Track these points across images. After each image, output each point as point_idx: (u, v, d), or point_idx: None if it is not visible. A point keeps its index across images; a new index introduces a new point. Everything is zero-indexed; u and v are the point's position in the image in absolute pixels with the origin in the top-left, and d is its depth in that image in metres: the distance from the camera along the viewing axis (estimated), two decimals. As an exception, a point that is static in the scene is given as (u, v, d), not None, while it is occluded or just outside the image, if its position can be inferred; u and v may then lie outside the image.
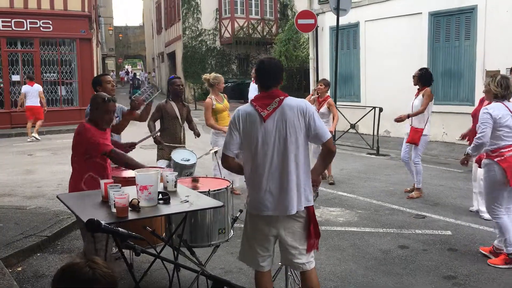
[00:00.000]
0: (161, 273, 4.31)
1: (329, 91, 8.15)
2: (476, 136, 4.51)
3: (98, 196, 3.15)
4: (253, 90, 13.76)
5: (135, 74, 37.47)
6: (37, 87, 14.07)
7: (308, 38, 19.39)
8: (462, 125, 11.03)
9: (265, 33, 27.85)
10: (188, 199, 3.11)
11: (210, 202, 3.17)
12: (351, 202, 6.78)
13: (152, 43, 41.94)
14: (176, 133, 5.93)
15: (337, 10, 11.54)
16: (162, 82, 36.37)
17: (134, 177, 3.98)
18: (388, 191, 7.46)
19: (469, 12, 10.94)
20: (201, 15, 27.86)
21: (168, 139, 5.85)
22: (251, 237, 3.20)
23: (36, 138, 13.63)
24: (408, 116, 6.83)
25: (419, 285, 4.22)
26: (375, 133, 11.11)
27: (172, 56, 32.06)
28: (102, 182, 3.08)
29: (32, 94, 13.81)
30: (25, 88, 13.96)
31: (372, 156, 10.70)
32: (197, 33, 27.94)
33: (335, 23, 12.21)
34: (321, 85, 7.74)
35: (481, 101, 7.35)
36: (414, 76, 7.07)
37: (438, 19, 11.66)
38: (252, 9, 27.42)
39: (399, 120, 6.98)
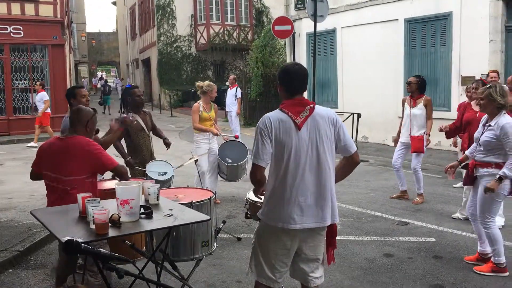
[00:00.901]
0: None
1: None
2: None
3: (75, 211, 2.95)
4: (230, 96, 13.66)
5: (106, 81, 36.98)
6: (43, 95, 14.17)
7: (285, 44, 19.41)
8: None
9: (241, 40, 27.79)
10: (171, 212, 2.94)
11: (196, 216, 3.01)
12: (333, 210, 6.69)
13: (126, 49, 41.41)
14: (147, 145, 5.64)
15: (315, 17, 11.53)
16: (137, 89, 35.90)
17: (113, 189, 3.82)
18: (370, 197, 7.42)
19: (444, 19, 11.08)
20: (176, 21, 27.66)
21: (139, 154, 5.56)
22: (270, 252, 3.00)
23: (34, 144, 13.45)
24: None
25: (406, 294, 4.15)
26: (354, 139, 11.11)
27: (147, 62, 31.71)
28: (80, 196, 2.89)
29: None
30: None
31: (351, 162, 10.66)
32: (172, 40, 27.72)
33: (311, 29, 12.20)
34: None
35: (460, 107, 7.40)
36: (410, 83, 7.02)
37: (414, 25, 11.77)
38: (227, 15, 27.33)
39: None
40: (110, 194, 3.70)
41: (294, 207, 2.88)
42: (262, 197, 3.12)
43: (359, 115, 11.12)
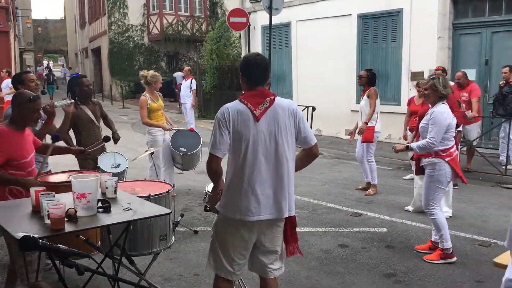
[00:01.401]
0: (96, 283, 4.02)
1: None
2: (429, 139, 4.49)
3: (27, 206, 2.83)
4: (184, 88, 13.49)
5: (50, 69, 35.66)
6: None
7: (239, 36, 19.35)
8: (389, 124, 11.48)
9: (194, 31, 27.48)
10: (130, 206, 2.87)
11: (156, 209, 2.96)
12: (289, 202, 6.76)
13: (75, 37, 40.07)
14: (97, 137, 5.39)
15: (270, 10, 11.54)
16: (87, 79, 34.84)
17: (64, 182, 3.70)
18: (324, 189, 7.55)
19: (395, 15, 11.37)
20: (127, 10, 26.99)
21: (89, 145, 5.29)
22: (229, 245, 2.98)
23: None
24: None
25: (361, 284, 4.25)
26: (308, 132, 11.24)
27: (97, 52, 30.80)
28: (33, 190, 2.77)
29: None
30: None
31: (306, 154, 10.81)
32: (124, 29, 27.05)
33: (267, 22, 12.23)
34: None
35: (410, 102, 7.65)
36: (361, 77, 7.15)
37: (366, 21, 12.02)
38: (181, 6, 26.93)
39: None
40: (61, 188, 3.58)
41: (252, 198, 2.87)
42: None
43: (313, 108, 11.27)
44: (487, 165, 8.47)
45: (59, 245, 1.73)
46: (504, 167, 8.28)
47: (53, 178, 4.11)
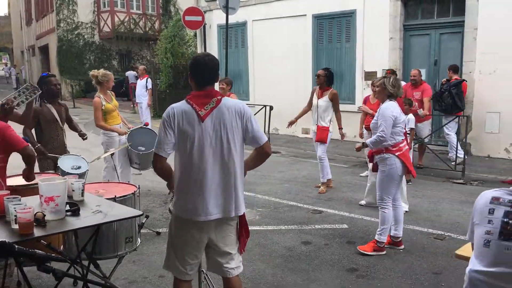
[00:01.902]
0: None
1: (217, 88, 8.12)
2: (379, 133, 4.71)
3: (-11, 211, 2.71)
4: (140, 87, 13.27)
5: None
6: None
7: (194, 35, 19.20)
8: (344, 122, 11.72)
9: (147, 29, 27.02)
10: (100, 209, 2.81)
11: (126, 211, 2.91)
12: (250, 201, 6.80)
13: (20, 35, 38.44)
14: (59, 138, 5.35)
15: (226, 9, 11.52)
16: (34, 78, 33.56)
17: (24, 186, 3.57)
18: (284, 188, 7.63)
19: (349, 16, 11.63)
20: (77, 6, 26.14)
21: (50, 147, 5.25)
22: (181, 244, 2.98)
23: None
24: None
25: (326, 279, 4.34)
26: (266, 131, 11.33)
27: (44, 49, 29.68)
28: (-3, 194, 2.66)
29: None
30: None
31: (264, 153, 10.88)
32: (73, 26, 26.19)
33: (222, 21, 12.20)
34: (223, 84, 7.63)
35: (365, 101, 7.86)
36: (319, 76, 7.20)
37: (321, 21, 12.22)
38: (133, 3, 26.39)
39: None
40: (21, 191, 3.45)
41: (199, 198, 2.88)
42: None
43: (271, 108, 11.35)
44: (438, 161, 8.82)
45: (35, 250, 1.68)
46: (453, 163, 8.65)
47: (10, 182, 3.95)
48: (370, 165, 6.00)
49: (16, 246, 1.65)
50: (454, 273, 4.43)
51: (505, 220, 2.29)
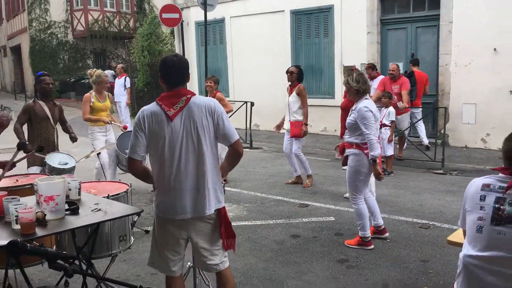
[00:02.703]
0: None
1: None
2: (368, 137, 4.64)
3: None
4: (118, 86, 13.13)
5: None
6: None
7: (170, 33, 19.08)
8: (324, 117, 11.89)
9: (122, 27, 26.71)
10: (99, 207, 2.81)
11: (126, 209, 2.92)
12: (236, 197, 6.83)
13: (-10, 35, 37.53)
14: (49, 136, 5.41)
15: (205, 6, 11.50)
16: (6, 79, 32.88)
17: (14, 187, 3.53)
18: (269, 183, 7.69)
19: (326, 11, 11.73)
20: (49, 5, 25.66)
21: (38, 143, 5.24)
22: (161, 242, 3.02)
23: None
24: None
25: (317, 271, 4.41)
26: (248, 127, 11.36)
27: (17, 50, 29.08)
28: (-5, 195, 2.63)
29: None
30: None
31: (246, 149, 10.90)
32: (46, 25, 25.71)
33: (200, 18, 12.19)
34: (210, 82, 7.62)
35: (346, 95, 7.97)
36: (292, 73, 7.23)
37: (299, 17, 12.30)
38: (107, 2, 26.06)
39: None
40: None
41: (174, 197, 2.90)
42: None
43: (252, 104, 11.38)
44: (418, 153, 9.00)
45: (47, 248, 1.68)
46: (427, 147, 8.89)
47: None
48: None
49: (29, 244, 1.65)
50: (440, 260, 4.56)
51: (496, 205, 2.37)
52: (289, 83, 7.34)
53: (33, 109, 5.34)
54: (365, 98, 4.82)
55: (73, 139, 5.70)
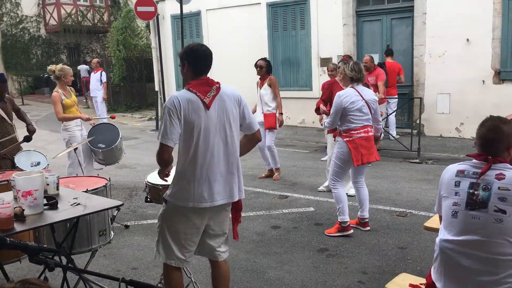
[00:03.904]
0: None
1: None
2: (327, 120, 5.07)
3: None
4: (94, 81, 12.96)
5: None
6: None
7: (145, 26, 18.89)
8: (302, 109, 11.95)
9: (96, 21, 26.30)
10: (78, 201, 2.79)
11: (106, 202, 2.90)
12: (216, 190, 6.83)
13: (-41, 30, 36.51)
14: (9, 135, 5.23)
15: (180, -1, 11.42)
16: (-24, 75, 32.05)
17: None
18: (249, 175, 7.70)
19: (302, 4, 11.77)
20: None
21: (1, 146, 5.09)
22: (180, 233, 3.00)
23: None
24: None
25: (297, 260, 4.46)
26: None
27: (-13, 45, 28.37)
28: (-30, 191, 2.59)
29: None
30: None
31: (225, 143, 10.92)
32: (17, 20, 25.12)
33: (175, 11, 12.09)
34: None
35: (323, 86, 8.01)
36: (261, 67, 7.18)
37: (275, 9, 12.31)
38: (80, -5, 25.63)
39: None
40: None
41: (205, 185, 2.92)
42: (168, 179, 3.09)
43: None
44: (395, 143, 9.14)
45: (27, 242, 1.67)
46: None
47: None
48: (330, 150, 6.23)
49: (8, 238, 1.64)
50: (418, 247, 4.66)
51: (471, 191, 2.44)
52: (259, 76, 7.29)
53: None
54: (351, 86, 4.94)
55: (30, 132, 5.39)
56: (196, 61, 3.00)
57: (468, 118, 9.59)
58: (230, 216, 3.26)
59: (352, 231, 5.03)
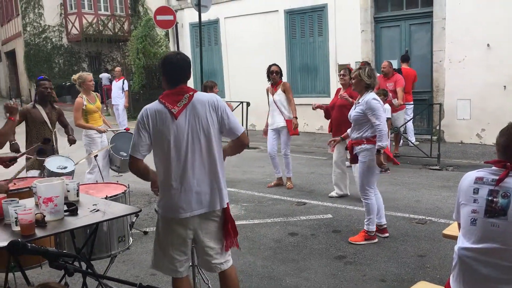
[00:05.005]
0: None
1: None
2: (378, 127, 4.69)
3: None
4: (116, 89, 13.14)
5: None
6: None
7: (165, 35, 19.09)
8: (320, 116, 11.85)
9: (116, 30, 26.72)
10: (97, 207, 2.84)
11: (124, 209, 2.94)
12: (234, 196, 6.86)
13: (-16, 41, 37.45)
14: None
15: (199, 7, 11.52)
16: (1, 84, 32.80)
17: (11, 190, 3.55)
18: (266, 182, 7.71)
19: (320, 10, 11.78)
20: (43, 10, 25.66)
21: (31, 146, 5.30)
22: (167, 243, 2.99)
23: None
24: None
25: (315, 268, 4.44)
26: (244, 127, 11.37)
27: (11, 54, 29.05)
28: (-7, 198, 2.66)
29: None
30: None
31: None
32: (40, 30, 25.69)
33: (194, 20, 12.22)
34: (216, 89, 7.64)
35: (337, 92, 7.99)
36: (277, 72, 7.18)
37: (293, 16, 12.34)
38: (101, 5, 26.07)
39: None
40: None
41: (181, 196, 2.89)
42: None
43: (248, 104, 11.41)
44: (414, 149, 9.05)
45: (47, 247, 1.71)
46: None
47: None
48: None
49: (29, 244, 1.68)
50: (437, 255, 4.60)
51: (490, 198, 2.40)
52: (270, 81, 7.27)
53: (29, 112, 5.41)
54: (371, 91, 4.88)
55: (71, 141, 5.72)
56: (169, 71, 2.95)
57: (490, 124, 9.45)
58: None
59: (377, 239, 4.99)
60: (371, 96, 4.80)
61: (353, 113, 4.98)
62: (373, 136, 4.81)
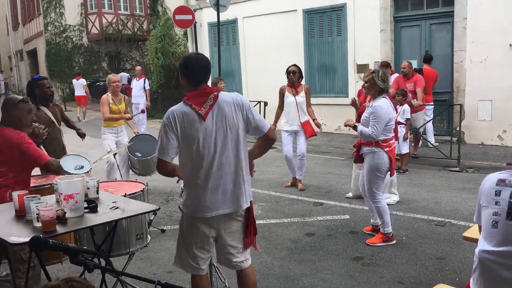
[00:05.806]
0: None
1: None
2: (370, 132, 4.68)
3: (8, 211, 2.75)
4: (137, 88, 13.25)
5: None
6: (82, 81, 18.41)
7: (183, 34, 19.19)
8: (338, 115, 11.84)
9: (136, 29, 26.95)
10: (117, 205, 2.87)
11: (143, 206, 2.98)
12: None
13: (7, 40, 38.12)
14: (57, 139, 5.45)
15: (217, 6, 11.57)
16: (23, 83, 33.34)
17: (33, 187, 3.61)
18: (283, 182, 7.70)
19: (339, 10, 11.71)
20: (64, 9, 26.01)
21: (52, 149, 5.27)
22: (191, 241, 3.02)
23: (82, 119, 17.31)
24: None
25: (332, 268, 4.42)
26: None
27: (33, 54, 29.51)
28: (15, 194, 2.70)
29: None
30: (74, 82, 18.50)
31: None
32: (61, 29, 26.06)
33: (212, 19, 12.26)
34: (221, 84, 7.70)
35: (360, 93, 7.95)
36: (295, 72, 7.07)
37: (311, 16, 12.30)
38: (120, 4, 26.32)
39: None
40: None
41: (208, 195, 2.91)
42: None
43: (265, 103, 11.41)
44: (434, 151, 8.94)
45: (68, 243, 1.73)
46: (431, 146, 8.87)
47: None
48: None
49: (51, 240, 1.71)
50: (457, 257, 4.54)
51: (512, 200, 2.36)
52: (289, 81, 7.20)
53: (36, 116, 5.14)
54: (383, 97, 4.80)
55: (82, 135, 5.81)
56: (191, 72, 2.95)
57: (511, 125, 9.29)
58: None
59: (395, 241, 4.94)
60: (379, 102, 4.72)
61: (362, 116, 4.93)
62: (383, 140, 4.77)
